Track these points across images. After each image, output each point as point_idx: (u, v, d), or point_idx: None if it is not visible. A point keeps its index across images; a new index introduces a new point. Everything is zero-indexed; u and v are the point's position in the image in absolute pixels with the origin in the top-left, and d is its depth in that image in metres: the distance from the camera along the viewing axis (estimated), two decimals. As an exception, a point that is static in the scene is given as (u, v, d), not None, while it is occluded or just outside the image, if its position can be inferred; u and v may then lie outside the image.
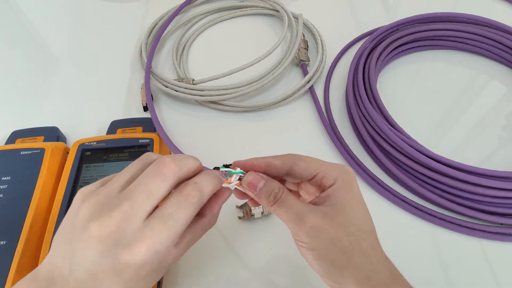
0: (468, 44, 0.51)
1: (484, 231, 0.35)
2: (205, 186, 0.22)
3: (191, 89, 0.45)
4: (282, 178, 0.27)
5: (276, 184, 0.25)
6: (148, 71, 0.47)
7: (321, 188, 0.25)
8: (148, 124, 0.42)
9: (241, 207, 0.37)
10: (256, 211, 0.36)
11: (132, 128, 0.41)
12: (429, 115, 0.45)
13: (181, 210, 0.21)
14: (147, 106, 0.45)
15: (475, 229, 0.35)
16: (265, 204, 0.25)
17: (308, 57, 0.50)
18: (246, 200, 0.35)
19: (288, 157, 0.25)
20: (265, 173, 0.26)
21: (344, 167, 0.25)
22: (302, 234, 0.23)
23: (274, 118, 0.46)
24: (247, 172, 0.25)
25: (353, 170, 0.26)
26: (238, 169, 0.25)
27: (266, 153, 0.42)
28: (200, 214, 0.24)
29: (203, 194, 0.22)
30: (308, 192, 0.27)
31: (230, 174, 0.25)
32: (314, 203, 0.24)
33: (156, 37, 0.52)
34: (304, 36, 0.53)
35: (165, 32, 0.55)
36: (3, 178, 0.35)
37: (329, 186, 0.24)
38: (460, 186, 0.35)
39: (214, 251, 0.35)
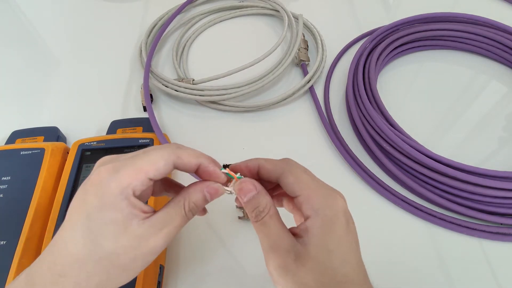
0: (468, 44, 0.51)
1: (484, 231, 0.35)
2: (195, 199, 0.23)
3: (191, 89, 0.45)
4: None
5: (263, 202, 0.23)
6: (147, 72, 0.47)
7: (302, 214, 0.23)
8: (148, 124, 0.42)
9: (241, 207, 0.37)
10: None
11: (132, 128, 0.41)
12: (429, 115, 0.45)
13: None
14: (146, 105, 0.45)
15: (475, 229, 0.35)
16: (250, 217, 0.24)
17: (308, 57, 0.50)
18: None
19: (281, 164, 0.24)
20: (258, 175, 0.25)
21: (330, 198, 0.22)
22: (270, 266, 0.22)
23: (274, 118, 0.46)
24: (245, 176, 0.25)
25: (343, 204, 0.22)
26: (238, 174, 0.25)
27: (266, 153, 0.42)
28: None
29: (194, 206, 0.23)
30: None
31: (230, 179, 0.25)
32: (294, 233, 0.23)
33: (156, 37, 0.52)
34: (304, 36, 0.53)
35: (165, 32, 0.55)
36: (3, 178, 0.35)
37: (307, 218, 0.22)
38: (460, 186, 0.35)
39: (214, 251, 0.35)
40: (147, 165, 0.21)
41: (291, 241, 0.22)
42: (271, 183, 0.26)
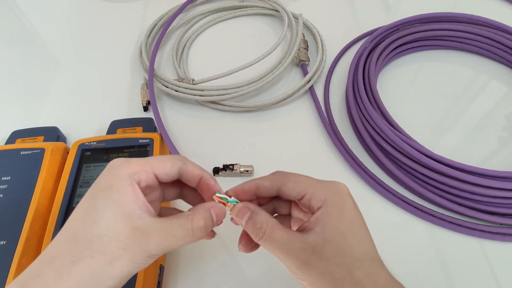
0: (468, 44, 0.51)
1: (484, 231, 0.35)
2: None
3: (191, 89, 0.45)
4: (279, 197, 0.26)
5: (260, 218, 0.24)
6: (152, 71, 0.47)
7: (311, 210, 0.24)
8: (148, 124, 0.42)
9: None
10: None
11: (132, 128, 0.41)
12: (429, 115, 0.45)
13: None
14: (151, 105, 0.45)
15: (475, 229, 0.36)
16: (253, 238, 0.24)
17: (308, 57, 0.50)
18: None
19: (277, 176, 0.25)
20: (256, 195, 0.25)
21: (335, 186, 0.24)
22: (293, 268, 0.22)
23: (274, 118, 0.46)
24: (240, 200, 0.25)
25: (346, 188, 0.24)
26: (233, 198, 0.25)
27: (266, 153, 0.42)
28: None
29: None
30: (304, 210, 0.26)
31: (226, 202, 0.25)
32: (304, 227, 0.23)
33: (159, 36, 0.52)
34: (304, 36, 0.53)
35: (165, 32, 0.55)
36: (3, 178, 0.35)
37: (318, 209, 0.23)
38: (460, 186, 0.35)
39: (213, 251, 0.35)
40: (155, 161, 0.23)
41: (302, 238, 0.22)
42: (266, 198, 0.27)
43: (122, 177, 0.22)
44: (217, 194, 0.25)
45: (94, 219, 0.21)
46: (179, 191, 0.27)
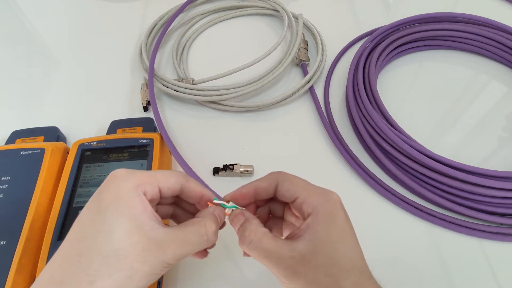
0: (468, 44, 0.51)
1: (484, 231, 0.35)
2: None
3: (191, 89, 0.45)
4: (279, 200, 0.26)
5: (249, 226, 0.24)
6: (152, 71, 0.47)
7: (302, 214, 0.24)
8: (148, 124, 0.42)
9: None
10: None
11: (132, 128, 0.41)
12: (429, 115, 0.45)
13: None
14: (151, 105, 0.45)
15: (475, 229, 0.36)
16: (240, 245, 0.24)
17: (308, 57, 0.50)
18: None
19: (275, 175, 0.25)
20: (255, 197, 0.25)
21: (327, 194, 0.24)
22: (281, 277, 0.22)
23: (274, 118, 0.46)
24: (239, 205, 0.26)
25: (339, 198, 0.24)
26: (231, 203, 0.25)
27: (266, 153, 0.42)
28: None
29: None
30: (296, 215, 0.26)
31: (223, 208, 0.25)
32: (294, 234, 0.23)
33: (159, 37, 0.52)
34: (304, 36, 0.53)
35: (166, 32, 0.55)
36: (3, 178, 0.35)
37: (309, 215, 0.23)
38: (460, 186, 0.35)
39: (213, 251, 0.35)
40: (159, 175, 0.23)
41: (291, 246, 0.22)
42: (263, 200, 0.27)
43: (129, 189, 0.21)
44: (215, 201, 0.25)
45: (106, 234, 0.20)
46: (172, 211, 0.27)
